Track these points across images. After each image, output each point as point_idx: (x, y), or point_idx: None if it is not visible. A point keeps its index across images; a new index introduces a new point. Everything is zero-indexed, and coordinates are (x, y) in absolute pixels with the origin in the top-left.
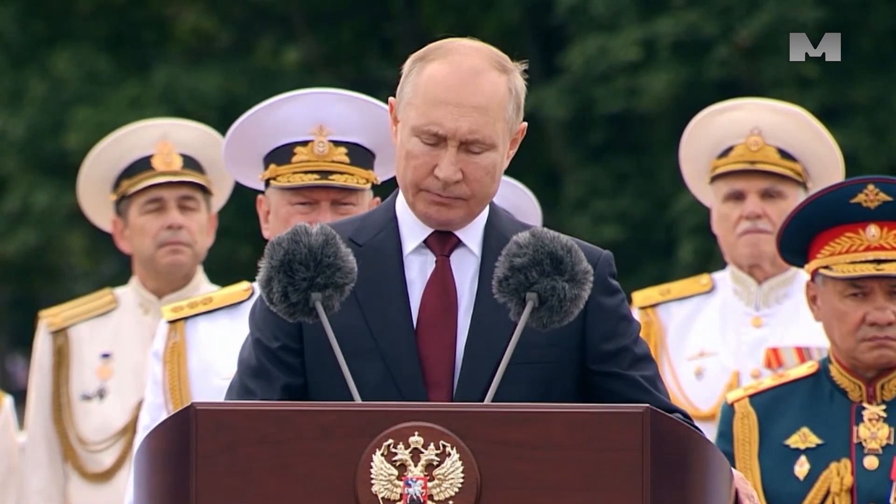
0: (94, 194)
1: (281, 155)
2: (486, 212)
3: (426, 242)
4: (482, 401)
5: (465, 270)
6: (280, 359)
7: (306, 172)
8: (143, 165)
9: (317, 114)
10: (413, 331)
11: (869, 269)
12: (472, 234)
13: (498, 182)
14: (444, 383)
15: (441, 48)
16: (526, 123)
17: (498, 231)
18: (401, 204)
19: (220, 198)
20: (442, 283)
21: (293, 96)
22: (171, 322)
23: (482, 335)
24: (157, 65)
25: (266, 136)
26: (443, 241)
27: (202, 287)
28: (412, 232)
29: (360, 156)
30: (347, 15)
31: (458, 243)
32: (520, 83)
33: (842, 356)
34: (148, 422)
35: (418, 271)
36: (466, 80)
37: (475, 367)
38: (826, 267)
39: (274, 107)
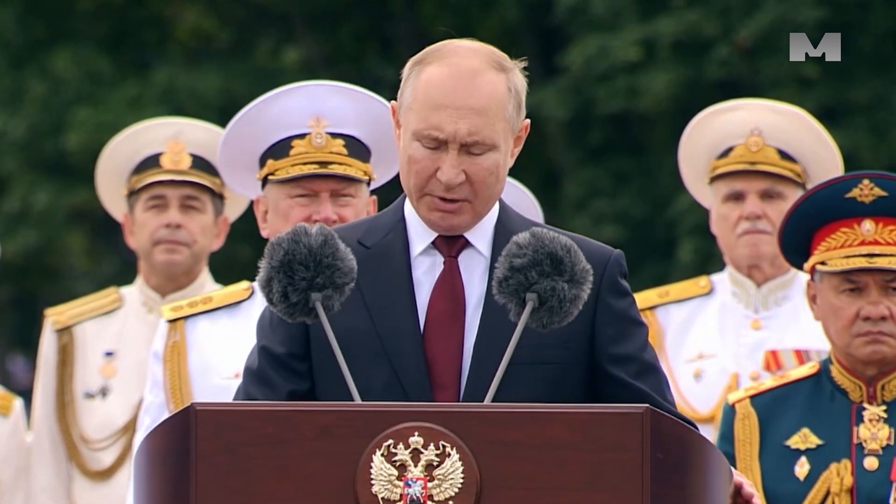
0: (109, 189)
1: (278, 150)
2: (495, 211)
3: (434, 244)
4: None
5: (474, 271)
6: (286, 364)
7: (305, 163)
8: (151, 162)
9: (313, 106)
10: (420, 333)
11: (861, 262)
12: (481, 235)
13: (503, 182)
14: (452, 385)
15: (439, 50)
16: (529, 121)
17: (508, 230)
18: (409, 205)
19: (238, 202)
20: (450, 284)
21: (288, 90)
22: (171, 321)
23: (491, 336)
24: (157, 65)
25: (263, 132)
26: (451, 243)
27: (206, 287)
28: (420, 233)
29: (357, 149)
30: (347, 15)
31: (467, 244)
32: (520, 81)
33: (839, 354)
34: (148, 422)
35: (426, 273)
36: (464, 82)
37: (484, 369)
38: (822, 263)
39: (269, 102)
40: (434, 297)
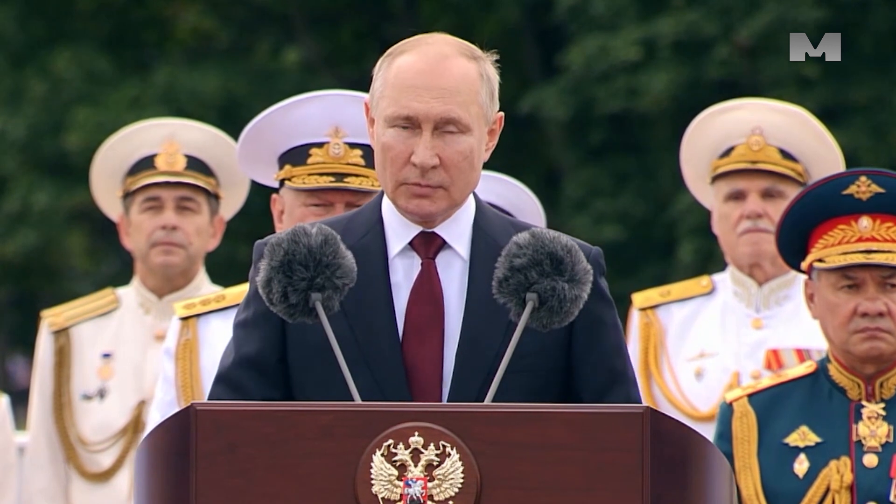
0: (104, 190)
1: (296, 156)
2: (471, 211)
3: (411, 244)
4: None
5: (452, 273)
6: (259, 368)
7: (322, 174)
8: (146, 164)
9: (333, 115)
10: (398, 338)
11: (858, 259)
12: (458, 235)
13: (478, 171)
14: (433, 391)
15: (408, 42)
16: (503, 113)
17: (486, 232)
18: (386, 204)
19: (233, 201)
20: (428, 287)
21: (309, 98)
22: (184, 319)
23: (472, 341)
24: (157, 65)
25: (281, 136)
26: (428, 243)
27: (203, 287)
28: (397, 233)
29: None
30: (347, 15)
31: (444, 244)
32: (491, 71)
33: (837, 352)
34: (158, 419)
35: (404, 275)
36: (435, 64)
37: (465, 375)
38: (820, 260)
39: (290, 108)
40: (412, 301)
